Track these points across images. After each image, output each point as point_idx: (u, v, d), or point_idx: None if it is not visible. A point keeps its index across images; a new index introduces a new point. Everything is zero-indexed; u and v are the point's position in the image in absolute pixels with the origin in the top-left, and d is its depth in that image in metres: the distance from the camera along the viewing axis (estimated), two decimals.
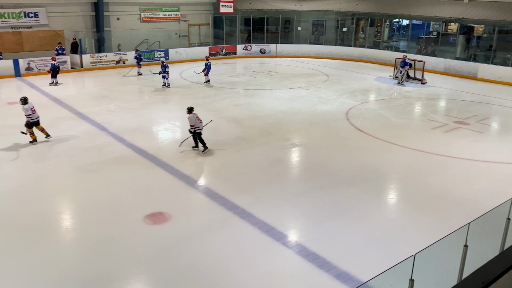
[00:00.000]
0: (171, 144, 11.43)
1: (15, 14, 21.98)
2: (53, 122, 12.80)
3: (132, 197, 8.21)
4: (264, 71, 22.69)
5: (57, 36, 23.34)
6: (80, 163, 9.77)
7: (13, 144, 10.88)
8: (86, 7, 24.18)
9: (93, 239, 6.80)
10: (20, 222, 7.21)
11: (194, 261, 6.25)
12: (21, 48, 22.48)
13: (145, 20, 26.53)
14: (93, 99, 16.11)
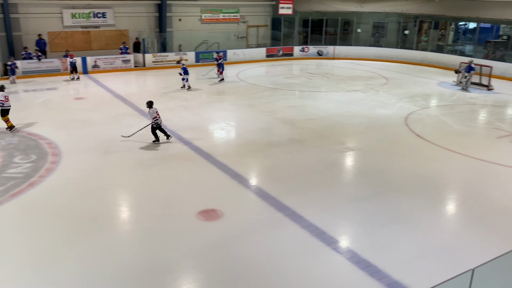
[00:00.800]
0: (225, 143, 11.63)
1: (85, 15, 23.27)
2: (116, 118, 13.42)
3: (186, 193, 8.43)
4: (320, 73, 22.48)
5: (122, 35, 24.44)
6: (139, 157, 10.17)
7: (78, 137, 11.51)
8: (150, 8, 25.11)
9: (148, 231, 7.05)
10: (82, 212, 7.61)
11: (244, 259, 6.31)
12: (89, 46, 23.76)
13: (205, 21, 27.13)
14: (154, 97, 16.65)
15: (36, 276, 5.83)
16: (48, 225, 7.14)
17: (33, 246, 6.52)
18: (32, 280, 5.76)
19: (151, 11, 25.21)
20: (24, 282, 5.71)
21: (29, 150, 10.43)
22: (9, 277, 5.81)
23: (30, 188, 8.42)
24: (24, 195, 8.14)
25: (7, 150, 10.40)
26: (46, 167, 9.41)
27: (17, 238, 6.78)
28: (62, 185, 8.65)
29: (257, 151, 10.81)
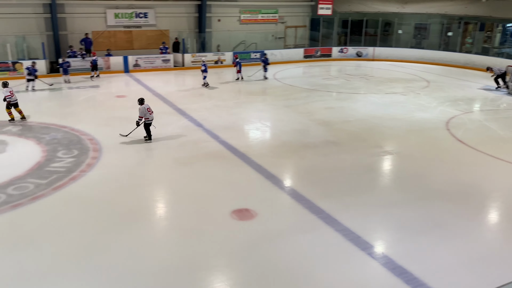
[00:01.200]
0: (261, 144, 11.64)
1: (127, 15, 23.90)
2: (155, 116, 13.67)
3: (221, 191, 8.50)
4: (359, 75, 22.14)
5: (162, 35, 24.93)
6: (177, 155, 10.34)
7: (118, 134, 11.83)
8: (190, 9, 25.51)
9: (183, 228, 7.16)
10: (120, 206, 7.81)
11: (277, 260, 6.29)
12: (130, 46, 24.39)
13: (244, 21, 27.28)
14: (192, 96, 16.96)
15: (73, 267, 6.02)
16: (88, 218, 7.37)
17: (73, 238, 6.75)
18: (70, 270, 5.95)
19: (191, 12, 25.59)
20: (62, 273, 5.92)
21: (71, 145, 10.81)
22: (49, 267, 6.04)
23: (72, 182, 8.73)
24: (66, 189, 8.44)
25: (52, 144, 10.81)
26: (87, 162, 9.73)
27: (58, 229, 7.04)
28: (102, 180, 8.91)
29: (292, 153, 10.76)
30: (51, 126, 12.37)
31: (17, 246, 6.52)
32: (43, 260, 6.18)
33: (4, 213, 7.44)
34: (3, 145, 10.82)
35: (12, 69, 19.95)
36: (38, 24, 22.14)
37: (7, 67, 19.87)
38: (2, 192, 8.14)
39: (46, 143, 10.91)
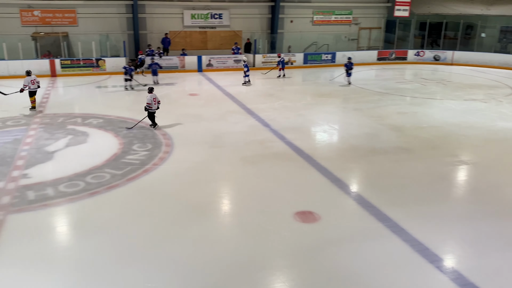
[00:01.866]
0: (328, 146, 11.49)
1: (203, 15, 24.66)
2: (224, 115, 14.01)
3: (285, 192, 8.49)
4: (436, 79, 21.10)
5: (235, 36, 25.42)
6: (243, 154, 10.49)
7: (189, 131, 12.25)
8: (264, 10, 25.76)
9: (246, 226, 7.24)
10: (188, 200, 8.07)
11: (339, 265, 6.17)
12: (205, 46, 25.14)
13: (316, 23, 27.07)
14: (260, 96, 17.13)
15: (142, 256, 6.31)
16: (157, 210, 7.70)
17: (143, 228, 7.08)
18: (138, 259, 6.24)
19: (264, 13, 25.84)
20: (131, 260, 6.22)
21: (146, 139, 11.35)
22: (119, 254, 6.38)
23: (145, 174, 9.17)
24: (139, 180, 8.88)
25: (128, 138, 11.43)
26: (160, 156, 10.17)
27: (129, 218, 7.42)
28: (172, 174, 9.27)
29: (361, 157, 10.50)
30: (128, 120, 13.08)
31: (91, 232, 6.96)
32: (115, 247, 6.54)
33: (82, 200, 7.99)
34: (84, 136, 11.62)
35: (95, 65, 21.36)
36: (121, 23, 23.53)
37: (91, 63, 21.31)
38: (82, 180, 8.74)
39: (123, 136, 11.55)
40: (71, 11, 22.58)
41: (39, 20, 22.30)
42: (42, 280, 5.71)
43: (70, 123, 12.71)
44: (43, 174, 9.07)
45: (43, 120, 13.04)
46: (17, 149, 10.44)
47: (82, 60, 21.21)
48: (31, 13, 22.07)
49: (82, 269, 5.96)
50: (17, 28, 22.01)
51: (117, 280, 5.72)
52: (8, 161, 9.69)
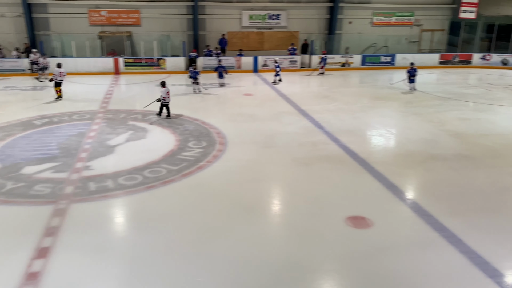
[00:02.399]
0: (383, 151, 11.18)
1: (261, 16, 24.84)
2: (278, 115, 14.03)
3: (337, 196, 8.37)
4: (503, 85, 19.93)
5: (292, 37, 25.38)
6: (295, 155, 10.46)
7: (243, 130, 12.39)
8: (322, 11, 25.54)
9: (295, 228, 7.21)
10: (239, 199, 8.16)
11: (390, 274, 5.99)
12: (261, 47, 25.32)
13: (376, 24, 26.46)
14: (315, 97, 16.99)
15: (192, 251, 6.45)
16: (210, 206, 7.85)
17: (195, 223, 7.25)
18: (189, 254, 6.39)
19: (322, 14, 25.61)
20: (180, 254, 6.37)
21: (201, 137, 11.62)
22: (171, 247, 6.57)
23: (199, 170, 9.38)
24: (193, 176, 9.10)
25: (184, 135, 11.75)
26: (213, 154, 10.36)
27: (183, 213, 7.61)
28: (225, 172, 9.42)
29: (418, 163, 10.13)
30: (185, 118, 13.45)
31: (146, 224, 7.22)
32: (167, 240, 6.74)
33: (139, 193, 8.31)
34: (143, 132, 12.08)
35: (156, 64, 22.14)
36: (181, 24, 24.23)
37: (152, 62, 22.11)
38: (140, 174, 9.09)
39: (180, 133, 11.89)
40: (135, 12, 23.56)
41: (106, 20, 23.46)
42: (97, 268, 6.00)
43: (131, 119, 13.26)
44: (104, 166, 9.54)
45: (106, 115, 13.70)
46: (81, 142, 11.04)
47: (144, 59, 22.07)
48: (98, 13, 23.27)
49: (135, 260, 6.20)
50: (85, 27, 23.30)
51: (169, 273, 5.90)
52: (72, 153, 10.27)
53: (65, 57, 21.94)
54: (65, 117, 13.42)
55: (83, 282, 5.68)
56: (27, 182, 8.59)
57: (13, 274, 5.72)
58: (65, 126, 12.48)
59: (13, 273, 5.74)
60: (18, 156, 10.06)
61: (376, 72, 23.49)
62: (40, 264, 5.94)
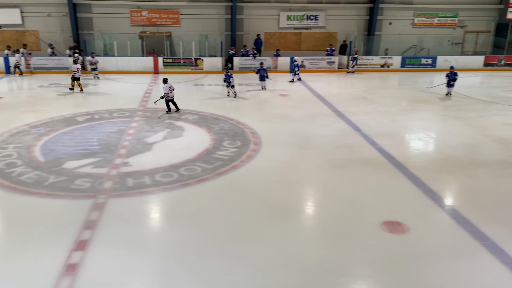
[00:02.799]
0: (422, 155, 10.88)
1: (299, 17, 24.73)
2: (314, 117, 13.93)
3: (372, 200, 8.21)
4: None
5: (330, 37, 25.14)
6: (331, 157, 10.34)
7: (278, 131, 12.36)
8: (361, 11, 25.17)
9: (329, 230, 7.12)
10: (272, 199, 8.14)
11: (426, 280, 5.81)
12: (298, 47, 25.22)
13: (417, 25, 25.84)
14: (352, 99, 16.75)
15: (223, 248, 6.49)
16: (243, 206, 7.88)
17: (228, 222, 7.29)
18: (220, 252, 6.43)
19: (362, 14, 25.24)
20: (213, 251, 6.42)
21: (236, 137, 11.68)
22: (203, 245, 6.63)
23: (233, 170, 9.44)
24: (227, 176, 9.16)
25: (219, 134, 11.85)
26: (248, 154, 10.40)
27: (216, 211, 7.67)
28: (259, 172, 9.42)
29: (458, 169, 9.79)
30: (220, 117, 13.57)
31: (181, 221, 7.32)
32: (201, 238, 6.80)
33: (175, 190, 8.45)
34: (180, 130, 12.27)
35: (194, 64, 22.45)
36: (219, 24, 24.48)
37: (190, 62, 22.44)
38: (175, 171, 9.24)
39: (215, 133, 12.00)
40: (175, 12, 23.99)
41: (146, 20, 24.01)
42: (133, 262, 6.13)
43: (168, 118, 13.49)
44: (141, 163, 9.75)
45: (144, 114, 14.01)
46: (120, 139, 11.34)
47: (182, 58, 22.42)
48: (139, 13, 23.85)
49: (169, 255, 6.30)
50: (127, 27, 23.94)
51: (201, 269, 5.96)
52: (112, 149, 10.56)
53: (107, 56, 22.62)
54: (105, 114, 13.82)
55: (119, 275, 5.82)
56: (69, 176, 8.90)
57: (54, 264, 5.94)
58: (106, 123, 12.86)
59: (53, 263, 5.96)
60: (60, 151, 10.44)
61: (416, 74, 22.92)
62: (78, 256, 6.14)
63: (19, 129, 12.12)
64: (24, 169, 9.28)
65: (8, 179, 8.75)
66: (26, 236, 6.73)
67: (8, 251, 6.43)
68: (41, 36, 23.92)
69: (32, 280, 5.63)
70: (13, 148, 10.53)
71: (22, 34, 23.89)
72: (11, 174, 8.97)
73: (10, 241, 6.72)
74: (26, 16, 23.60)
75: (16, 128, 12.20)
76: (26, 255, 6.22)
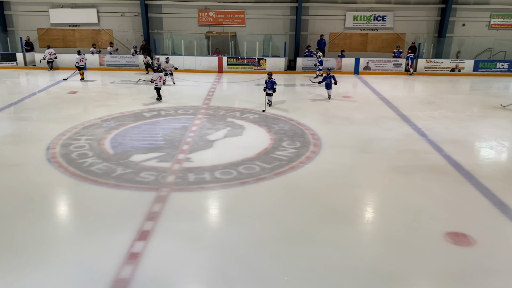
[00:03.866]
0: (493, 164, 10.24)
1: (366, 17, 24.18)
2: (377, 120, 13.56)
3: (437, 208, 7.85)
4: None
5: (398, 39, 24.36)
6: (393, 162, 10.02)
7: (338, 133, 12.19)
8: (432, 12, 24.16)
9: (388, 237, 6.90)
10: (331, 202, 8.03)
11: None
12: (364, 48, 24.67)
13: (494, 27, 24.35)
14: (419, 103, 16.10)
15: (278, 248, 6.49)
16: (300, 207, 7.85)
17: (284, 222, 7.29)
18: (275, 250, 6.44)
19: (433, 15, 24.21)
20: (268, 250, 6.44)
21: (295, 137, 11.65)
22: (257, 242, 6.68)
23: (291, 170, 9.43)
24: (285, 176, 9.16)
25: (279, 134, 11.88)
26: (307, 155, 10.34)
27: (273, 210, 7.70)
28: (317, 174, 9.33)
29: None
30: (281, 118, 13.60)
31: (238, 218, 7.43)
32: (257, 236, 6.86)
33: (233, 187, 8.59)
34: (240, 129, 12.45)
35: (257, 64, 22.67)
36: (284, 24, 24.52)
37: (253, 62, 22.68)
38: (234, 169, 9.39)
39: (275, 132, 12.05)
40: (241, 12, 24.36)
41: (213, 21, 24.59)
42: (190, 256, 6.31)
43: (230, 116, 13.74)
44: (203, 159, 10.02)
45: (207, 112, 14.37)
46: (184, 135, 11.71)
47: (246, 58, 22.71)
48: (207, 13, 24.48)
49: (226, 251, 6.41)
50: (194, 27, 24.66)
51: (256, 268, 6.01)
52: (176, 145, 10.93)
53: (174, 55, 23.42)
54: (171, 111, 14.33)
55: (177, 267, 6.02)
56: (135, 169, 9.34)
57: (118, 252, 6.26)
58: (171, 120, 13.34)
59: (117, 250, 6.28)
60: (128, 144, 10.98)
61: (490, 79, 21.61)
62: (140, 246, 6.43)
63: (92, 122, 12.90)
64: (94, 160, 9.86)
65: (80, 168, 9.34)
66: (94, 223, 7.15)
67: (78, 236, 6.87)
68: (115, 35, 25.24)
69: (98, 265, 5.97)
70: (85, 140, 11.22)
71: (97, 33, 25.36)
72: (83, 164, 9.57)
73: (80, 227, 7.17)
74: (102, 16, 25.02)
75: (89, 121, 12.98)
76: (94, 241, 6.60)
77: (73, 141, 11.12)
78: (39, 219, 7.25)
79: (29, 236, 6.72)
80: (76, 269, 5.91)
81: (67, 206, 8.06)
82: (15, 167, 9.49)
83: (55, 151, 10.41)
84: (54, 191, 8.52)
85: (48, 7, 24.83)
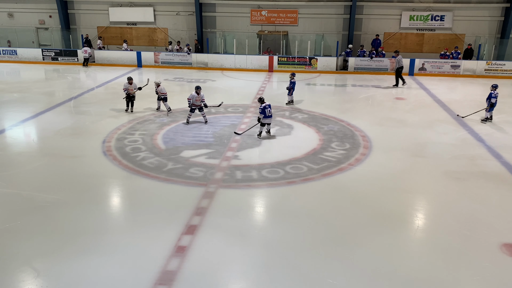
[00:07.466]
0: None
1: (423, 17, 23.38)
2: (432, 123, 13.07)
3: (494, 218, 7.46)
4: None
5: (456, 39, 23.38)
6: (447, 168, 9.62)
7: (390, 136, 11.87)
8: (495, 12, 22.98)
9: (441, 246, 6.63)
10: (379, 206, 7.83)
11: None
12: (420, 49, 23.88)
13: None
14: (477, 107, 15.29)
15: (324, 250, 6.42)
16: (347, 209, 7.72)
17: (331, 224, 7.21)
18: (321, 252, 6.37)
19: (495, 15, 23.01)
20: (314, 251, 6.38)
21: (345, 139, 11.47)
22: (304, 242, 6.64)
23: (339, 172, 9.29)
24: (333, 177, 9.05)
25: (328, 135, 11.74)
26: (356, 157, 10.14)
27: (320, 212, 7.62)
28: (367, 177, 9.14)
29: None
30: (330, 118, 13.43)
31: (284, 217, 7.42)
32: (303, 237, 6.83)
33: (280, 186, 8.59)
34: (289, 128, 12.41)
35: (308, 64, 22.50)
36: (337, 24, 24.19)
37: (304, 61, 22.52)
38: (282, 169, 9.38)
39: (324, 133, 11.92)
40: (293, 12, 24.28)
41: (265, 20, 24.68)
42: (235, 252, 6.38)
43: (279, 115, 13.73)
44: (250, 158, 10.09)
45: (256, 110, 14.42)
46: (232, 133, 11.84)
47: (297, 58, 22.61)
48: (259, 13, 24.60)
49: (270, 250, 6.43)
50: (246, 26, 24.86)
51: (301, 268, 5.98)
52: (224, 142, 11.08)
53: (226, 53, 23.73)
54: (221, 109, 14.53)
55: (222, 262, 6.11)
56: (185, 164, 9.56)
57: (166, 244, 6.44)
58: (221, 117, 13.53)
59: (166, 243, 6.46)
60: (179, 140, 11.25)
61: None
62: (188, 240, 6.57)
63: (145, 117, 13.33)
64: (147, 154, 10.19)
65: (133, 162, 9.69)
66: (144, 215, 7.39)
67: (128, 228, 7.14)
68: (170, 33, 25.94)
69: (147, 257, 6.17)
70: (139, 135, 11.62)
71: (153, 31, 26.17)
72: (136, 158, 9.92)
73: (131, 219, 7.45)
74: (158, 14, 25.79)
75: (143, 117, 13.43)
76: (144, 232, 6.83)
77: (128, 136, 11.54)
78: (94, 209, 7.59)
79: (85, 224, 7.06)
80: (126, 258, 6.14)
81: (119, 197, 8.40)
82: (74, 158, 9.99)
83: (111, 144, 10.86)
84: (108, 182, 8.90)
85: (108, 5, 25.92)
